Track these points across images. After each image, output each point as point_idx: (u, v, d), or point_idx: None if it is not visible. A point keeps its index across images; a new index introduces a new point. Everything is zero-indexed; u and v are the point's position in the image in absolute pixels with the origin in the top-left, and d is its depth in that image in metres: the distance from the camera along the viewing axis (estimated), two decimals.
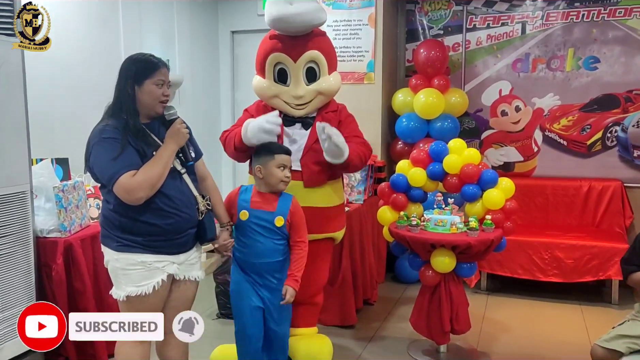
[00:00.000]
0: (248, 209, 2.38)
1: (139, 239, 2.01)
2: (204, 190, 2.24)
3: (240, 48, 5.46)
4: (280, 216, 2.39)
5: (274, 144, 2.52)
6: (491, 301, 3.93)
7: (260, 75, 2.84)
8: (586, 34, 4.29)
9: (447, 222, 2.85)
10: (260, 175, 2.41)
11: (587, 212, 4.28)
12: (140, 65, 2.05)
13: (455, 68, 4.60)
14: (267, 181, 2.40)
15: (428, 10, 4.64)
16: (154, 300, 2.05)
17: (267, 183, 2.41)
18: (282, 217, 2.39)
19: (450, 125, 4.21)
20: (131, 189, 1.92)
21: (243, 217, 2.38)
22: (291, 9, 2.66)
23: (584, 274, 3.81)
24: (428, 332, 2.96)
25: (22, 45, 2.40)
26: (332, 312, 3.40)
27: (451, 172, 2.98)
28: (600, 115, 4.32)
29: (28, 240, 2.57)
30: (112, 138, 1.96)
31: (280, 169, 2.39)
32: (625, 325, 2.34)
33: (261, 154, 2.44)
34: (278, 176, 2.38)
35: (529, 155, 4.54)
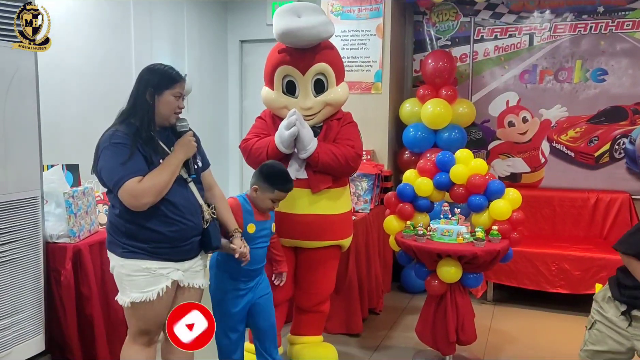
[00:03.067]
0: (254, 222, 2.41)
1: (144, 245, 2.03)
2: (211, 199, 2.25)
3: (249, 57, 5.51)
4: (274, 223, 2.53)
5: (282, 177, 2.47)
6: (498, 312, 3.92)
7: (268, 87, 2.87)
8: (594, 46, 4.30)
9: (454, 232, 2.86)
10: (254, 195, 2.44)
11: (594, 224, 4.27)
12: (162, 75, 2.08)
13: (462, 79, 4.62)
14: (257, 203, 2.44)
15: (436, 21, 4.67)
16: (159, 306, 2.06)
17: (257, 204, 2.45)
18: (274, 224, 2.53)
19: (458, 135, 4.22)
20: (137, 194, 1.94)
21: (250, 230, 2.39)
22: (299, 22, 2.66)
23: (591, 285, 3.78)
24: (434, 342, 2.95)
25: (22, 45, 2.37)
26: (337, 320, 3.40)
27: (458, 182, 2.98)
28: (608, 127, 4.32)
29: (38, 245, 2.59)
30: (121, 143, 1.99)
31: (271, 201, 2.44)
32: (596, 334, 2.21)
33: (264, 179, 2.43)
34: (269, 206, 2.45)
35: (536, 166, 4.53)
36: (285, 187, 2.45)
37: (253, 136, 2.83)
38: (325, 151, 2.69)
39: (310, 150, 2.66)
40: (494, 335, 3.49)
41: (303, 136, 2.65)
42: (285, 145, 2.67)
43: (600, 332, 2.22)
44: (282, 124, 2.68)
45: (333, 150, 2.70)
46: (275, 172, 2.47)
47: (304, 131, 2.65)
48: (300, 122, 2.65)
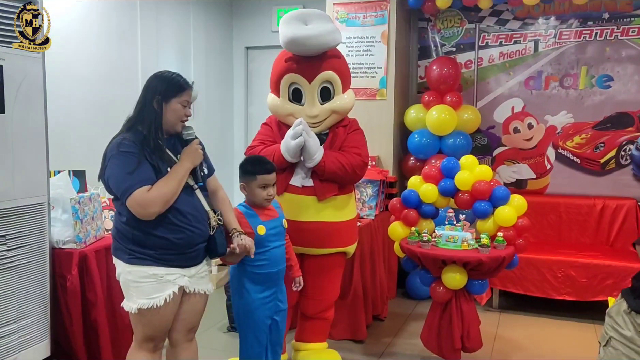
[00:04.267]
0: (261, 223, 2.41)
1: (151, 252, 2.03)
2: (216, 203, 2.26)
3: (255, 63, 5.53)
4: (284, 218, 2.51)
5: (258, 161, 2.47)
6: (503, 319, 3.90)
7: (274, 94, 2.86)
8: (599, 53, 4.30)
9: (459, 239, 2.85)
10: (245, 192, 2.44)
11: (600, 230, 4.24)
12: (170, 83, 2.09)
13: (467, 85, 4.62)
14: (252, 200, 2.43)
15: (441, 27, 4.68)
16: (165, 312, 2.06)
17: (252, 200, 2.44)
18: (285, 219, 2.51)
19: (462, 141, 4.22)
20: (145, 203, 1.95)
21: (261, 231, 2.38)
22: (306, 30, 2.65)
23: (598, 293, 3.77)
24: (439, 349, 2.94)
25: (22, 45, 2.36)
26: (342, 327, 3.40)
27: (463, 188, 2.98)
28: (614, 134, 4.31)
29: (44, 251, 2.60)
30: (129, 152, 1.99)
31: (261, 189, 2.40)
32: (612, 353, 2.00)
33: (244, 172, 2.43)
34: (261, 196, 2.40)
35: (542, 172, 4.52)
36: (264, 168, 2.41)
37: (258, 143, 2.83)
38: (332, 160, 2.69)
39: (316, 160, 2.66)
40: (500, 342, 3.47)
41: (309, 146, 2.64)
42: (292, 155, 2.68)
43: (616, 349, 2.12)
44: (288, 133, 2.67)
45: (339, 159, 2.70)
46: (250, 161, 2.50)
47: (310, 141, 2.64)
48: (306, 132, 2.64)
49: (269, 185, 2.41)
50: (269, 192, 2.41)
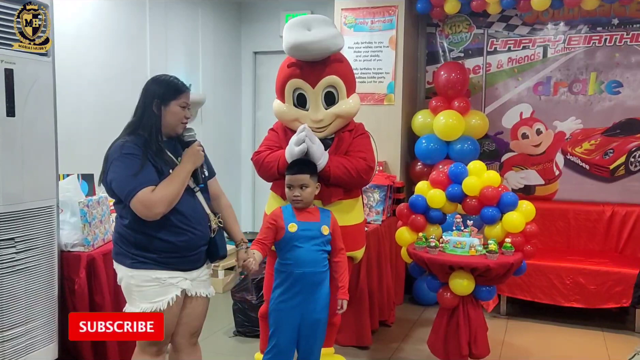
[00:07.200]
0: (295, 221, 2.44)
1: (153, 255, 2.04)
2: (217, 208, 2.28)
3: (262, 68, 5.55)
4: (325, 225, 2.48)
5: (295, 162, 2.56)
6: (511, 326, 3.87)
7: (280, 99, 2.88)
8: (609, 58, 4.27)
9: (466, 244, 2.84)
10: None
11: (610, 237, 4.21)
12: (167, 86, 2.11)
13: (475, 90, 4.61)
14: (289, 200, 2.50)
15: (449, 33, 4.68)
16: (168, 316, 2.06)
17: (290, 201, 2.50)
18: (326, 226, 2.48)
19: (470, 147, 4.20)
20: (150, 204, 1.96)
21: (292, 229, 2.42)
22: (309, 35, 2.66)
23: (607, 300, 3.73)
24: (446, 355, 2.92)
25: (22, 45, 2.35)
26: (348, 332, 3.38)
27: (470, 194, 2.97)
28: (624, 140, 4.27)
29: (53, 254, 2.62)
30: (132, 154, 2.00)
31: (287, 189, 2.48)
32: None
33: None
34: (288, 196, 2.48)
35: (550, 178, 4.50)
36: (292, 168, 2.51)
37: (265, 149, 2.83)
38: (337, 165, 2.69)
39: (321, 165, 2.66)
40: (507, 349, 3.45)
41: (313, 152, 2.64)
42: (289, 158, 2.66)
43: None
44: (292, 139, 2.68)
45: (344, 164, 2.70)
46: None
47: (313, 147, 2.64)
48: (309, 138, 2.64)
49: (294, 187, 2.46)
50: (294, 193, 2.46)
